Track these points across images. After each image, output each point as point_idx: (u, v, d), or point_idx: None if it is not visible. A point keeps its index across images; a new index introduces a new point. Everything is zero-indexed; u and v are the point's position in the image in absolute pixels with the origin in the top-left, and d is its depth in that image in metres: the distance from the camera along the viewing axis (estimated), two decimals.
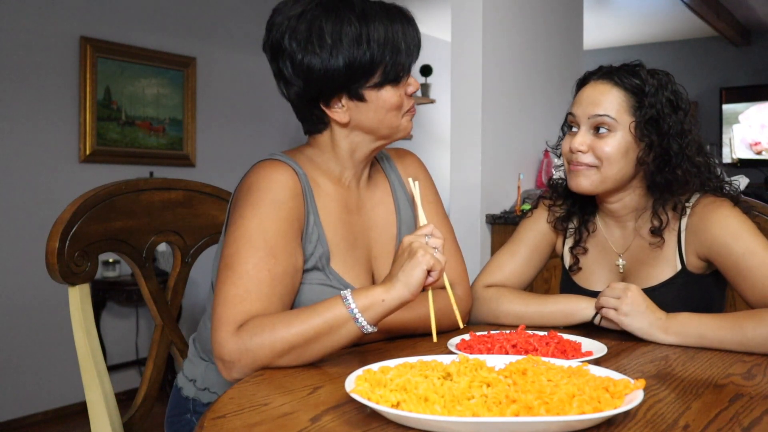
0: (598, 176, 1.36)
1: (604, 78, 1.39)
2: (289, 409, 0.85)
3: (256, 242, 1.12)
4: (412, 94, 1.26)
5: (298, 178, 1.22)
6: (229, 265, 1.12)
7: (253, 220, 1.14)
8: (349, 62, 1.17)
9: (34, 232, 3.44)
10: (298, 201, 1.20)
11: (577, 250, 1.48)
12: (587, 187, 1.38)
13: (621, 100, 1.36)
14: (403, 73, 1.22)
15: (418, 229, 1.12)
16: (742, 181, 2.84)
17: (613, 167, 1.35)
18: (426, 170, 1.45)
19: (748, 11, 5.79)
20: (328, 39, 1.16)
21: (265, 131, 4.79)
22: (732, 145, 6.35)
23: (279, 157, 1.25)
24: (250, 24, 4.58)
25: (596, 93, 1.38)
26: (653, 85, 1.36)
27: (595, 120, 1.36)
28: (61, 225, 1.26)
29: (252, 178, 1.21)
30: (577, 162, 1.37)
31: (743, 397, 0.92)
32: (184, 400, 1.34)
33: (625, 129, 1.35)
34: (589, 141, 1.37)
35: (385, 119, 1.24)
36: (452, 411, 0.75)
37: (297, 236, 1.19)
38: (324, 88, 1.19)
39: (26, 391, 3.61)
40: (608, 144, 1.35)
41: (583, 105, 1.38)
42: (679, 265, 1.37)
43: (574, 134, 1.40)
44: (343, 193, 1.30)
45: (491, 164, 3.22)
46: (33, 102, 3.64)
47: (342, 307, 1.05)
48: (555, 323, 1.36)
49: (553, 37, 3.69)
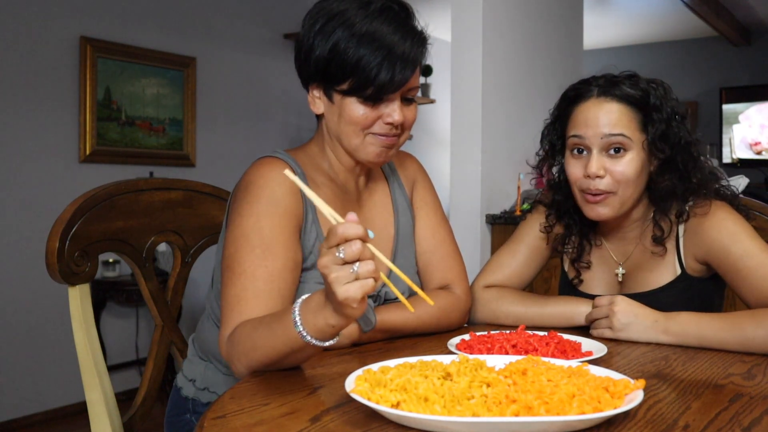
0: (618, 201, 1.31)
1: (605, 94, 1.32)
2: (289, 409, 0.85)
3: (253, 240, 1.13)
4: (390, 123, 1.20)
5: (296, 175, 1.21)
6: (228, 266, 1.14)
7: (250, 218, 1.15)
8: (324, 58, 1.18)
9: (34, 232, 3.44)
10: (295, 198, 1.20)
11: (580, 265, 1.45)
12: (608, 215, 1.32)
13: (631, 117, 1.30)
14: (377, 95, 1.17)
15: (327, 237, 0.88)
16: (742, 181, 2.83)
17: (630, 188, 1.31)
18: (425, 173, 1.46)
19: (748, 11, 5.79)
20: (320, 26, 1.18)
21: (265, 131, 4.78)
22: (732, 145, 6.35)
23: (278, 154, 1.26)
24: (250, 24, 4.58)
25: (604, 112, 1.30)
26: (658, 97, 1.32)
27: (609, 140, 1.29)
28: (61, 225, 1.26)
29: (250, 175, 1.22)
30: (596, 190, 1.30)
31: (743, 397, 0.92)
32: (184, 400, 1.34)
33: (639, 147, 1.30)
34: (606, 163, 1.30)
35: (344, 131, 1.22)
36: (452, 411, 0.75)
37: (295, 232, 1.19)
38: (303, 69, 1.23)
39: (26, 391, 3.61)
40: (625, 165, 1.29)
41: (593, 125, 1.30)
42: (678, 269, 1.36)
43: (581, 158, 1.33)
44: (341, 194, 1.30)
45: (491, 164, 3.22)
46: (33, 102, 3.64)
47: (295, 334, 0.94)
48: (554, 325, 1.35)
49: (553, 37, 3.69)
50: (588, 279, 1.46)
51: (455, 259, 1.40)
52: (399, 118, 1.19)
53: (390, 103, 1.19)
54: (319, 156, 1.30)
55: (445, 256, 1.39)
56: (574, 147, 1.34)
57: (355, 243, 0.85)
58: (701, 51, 6.69)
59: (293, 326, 0.94)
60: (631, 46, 6.91)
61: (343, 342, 1.16)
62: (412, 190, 1.42)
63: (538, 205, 1.52)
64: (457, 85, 3.24)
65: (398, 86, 1.18)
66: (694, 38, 6.68)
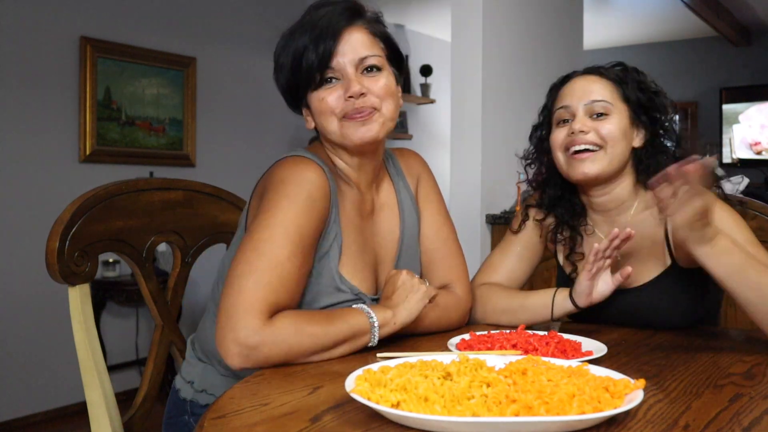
0: (606, 157, 1.34)
1: (588, 72, 1.41)
2: (289, 409, 0.85)
3: (293, 235, 1.10)
4: (351, 96, 1.19)
5: (327, 178, 1.19)
6: (261, 251, 1.07)
7: (288, 212, 1.11)
8: (287, 75, 1.24)
9: (34, 232, 3.43)
10: (327, 202, 1.18)
11: (574, 257, 1.46)
12: (596, 171, 1.34)
13: (611, 89, 1.38)
14: (320, 75, 1.20)
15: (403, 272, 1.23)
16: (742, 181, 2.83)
17: (618, 147, 1.34)
18: (429, 170, 1.45)
19: (748, 11, 5.79)
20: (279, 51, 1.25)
21: (265, 131, 4.78)
22: (732, 145, 6.35)
23: (307, 155, 1.21)
24: (250, 24, 4.58)
25: (586, 83, 1.39)
26: (635, 78, 1.39)
27: (592, 106, 1.36)
28: (61, 225, 1.25)
29: (285, 172, 1.17)
30: (582, 141, 1.34)
31: (743, 397, 0.92)
32: (182, 402, 1.33)
33: (621, 113, 1.36)
34: (589, 123, 1.35)
35: (322, 125, 1.24)
36: (452, 411, 0.75)
37: (318, 238, 1.18)
38: (287, 97, 1.28)
39: (26, 391, 3.61)
40: (609, 124, 1.35)
41: (577, 94, 1.38)
42: (668, 260, 1.35)
43: (566, 125, 1.38)
44: (358, 196, 1.29)
45: (491, 164, 3.22)
46: (33, 102, 3.64)
47: (364, 319, 1.12)
48: (539, 316, 1.34)
49: (553, 37, 3.69)
50: (580, 269, 1.45)
51: (457, 258, 1.39)
52: (356, 88, 1.18)
53: (346, 80, 1.20)
54: (334, 157, 1.29)
55: (447, 255, 1.39)
56: (560, 119, 1.40)
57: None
58: (701, 51, 6.69)
59: (361, 312, 1.12)
60: (631, 46, 6.91)
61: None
62: (417, 187, 1.42)
63: (528, 208, 1.52)
64: (457, 85, 3.24)
65: (324, 57, 1.18)
66: (694, 38, 6.68)
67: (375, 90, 1.20)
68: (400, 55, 1.30)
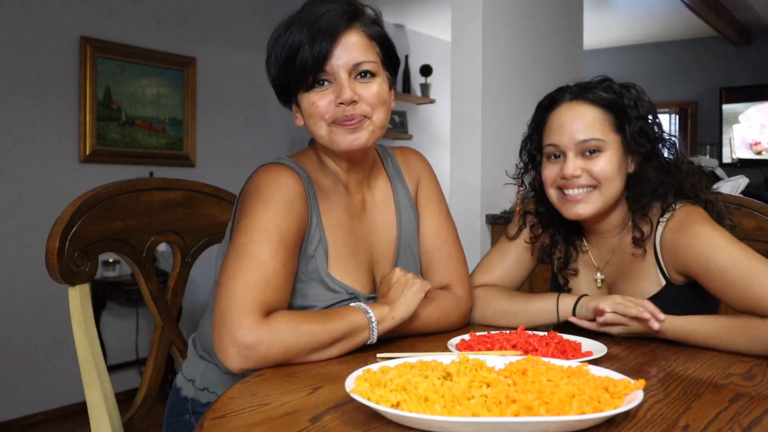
0: (600, 198, 1.31)
1: (578, 98, 1.34)
2: (289, 409, 0.85)
3: (272, 235, 1.12)
4: (342, 103, 1.18)
5: (302, 182, 1.22)
6: (243, 254, 1.10)
7: (266, 214, 1.14)
8: (279, 70, 1.22)
9: (34, 232, 3.44)
10: (304, 204, 1.20)
11: (567, 272, 1.45)
12: (589, 212, 1.32)
13: (604, 120, 1.32)
14: (313, 77, 1.19)
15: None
16: (742, 182, 2.83)
17: (612, 186, 1.31)
18: (431, 169, 1.45)
19: (748, 11, 5.79)
20: (271, 45, 1.24)
21: (265, 131, 4.78)
22: (732, 145, 6.35)
23: (283, 161, 1.25)
24: (250, 24, 4.57)
25: (575, 116, 1.32)
26: (632, 98, 1.33)
27: (584, 146, 1.31)
28: (61, 225, 1.26)
29: (260, 179, 1.21)
30: (574, 186, 1.31)
31: (743, 397, 0.92)
32: (183, 401, 1.34)
33: (614, 147, 1.32)
34: (581, 164, 1.31)
35: (311, 128, 1.23)
36: (452, 411, 0.75)
37: (301, 237, 1.20)
38: (277, 92, 1.27)
39: (26, 391, 3.61)
40: (602, 163, 1.30)
41: (567, 132, 1.32)
42: (662, 280, 1.33)
43: (557, 161, 1.34)
44: (346, 197, 1.30)
45: (491, 164, 3.22)
46: (33, 102, 3.64)
47: (361, 315, 1.13)
48: (541, 320, 1.34)
49: (553, 37, 3.69)
50: (575, 286, 1.45)
51: (458, 259, 1.39)
52: (348, 95, 1.17)
53: (338, 85, 1.19)
54: (321, 160, 1.30)
55: (448, 255, 1.39)
56: (551, 154, 1.36)
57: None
58: (701, 51, 6.69)
59: (358, 309, 1.13)
60: (631, 46, 6.91)
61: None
62: (417, 187, 1.41)
63: (526, 215, 1.51)
64: (457, 85, 3.24)
65: (319, 59, 1.17)
66: (694, 38, 6.68)
67: (367, 97, 1.20)
68: (396, 59, 1.29)
